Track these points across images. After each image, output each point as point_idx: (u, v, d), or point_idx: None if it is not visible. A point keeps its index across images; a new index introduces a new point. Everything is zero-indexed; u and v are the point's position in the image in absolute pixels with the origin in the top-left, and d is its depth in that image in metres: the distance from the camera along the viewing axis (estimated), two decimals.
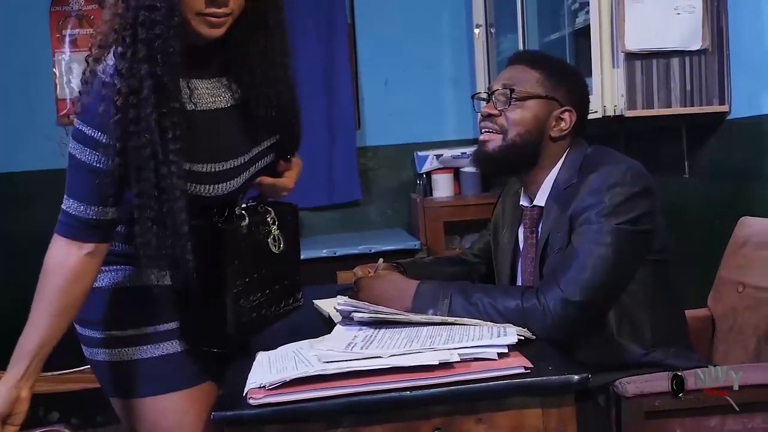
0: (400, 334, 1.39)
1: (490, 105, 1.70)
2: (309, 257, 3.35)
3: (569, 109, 1.66)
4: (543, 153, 1.68)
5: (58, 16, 3.82)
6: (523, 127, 1.66)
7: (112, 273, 1.57)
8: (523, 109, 1.67)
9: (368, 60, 3.99)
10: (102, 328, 1.55)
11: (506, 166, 1.72)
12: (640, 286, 1.59)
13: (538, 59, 1.74)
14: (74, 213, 1.42)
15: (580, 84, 1.73)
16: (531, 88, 1.67)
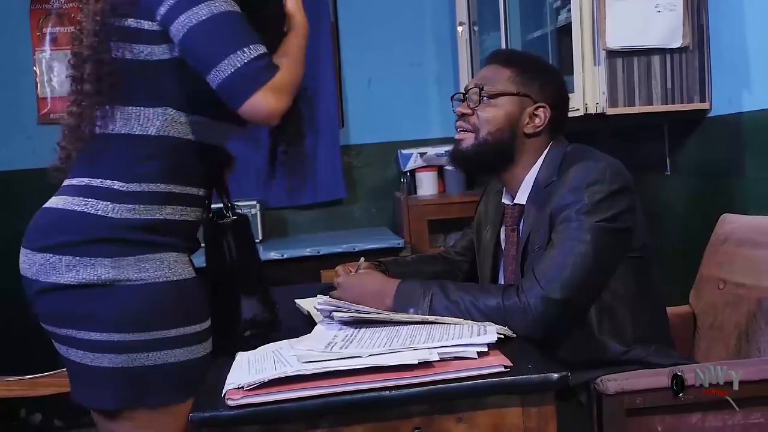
0: (381, 334, 1.39)
1: (464, 105, 1.71)
2: (293, 256, 3.35)
3: (543, 106, 1.66)
4: (519, 150, 1.68)
5: (39, 14, 3.79)
6: (495, 125, 1.66)
7: (158, 263, 1.46)
8: (495, 107, 1.67)
9: (352, 58, 3.99)
10: (152, 327, 1.43)
11: (481, 164, 1.72)
12: (621, 284, 1.59)
13: (511, 57, 1.74)
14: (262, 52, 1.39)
15: (554, 80, 1.72)
16: (502, 86, 1.67)
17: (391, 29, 3.98)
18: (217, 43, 1.37)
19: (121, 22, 1.42)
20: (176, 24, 1.38)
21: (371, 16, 3.96)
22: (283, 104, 1.41)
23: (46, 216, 1.48)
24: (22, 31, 3.77)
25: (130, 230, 1.43)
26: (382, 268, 1.85)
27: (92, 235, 1.41)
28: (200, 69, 1.39)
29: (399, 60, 3.99)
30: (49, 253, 1.43)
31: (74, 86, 1.48)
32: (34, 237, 1.47)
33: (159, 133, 1.45)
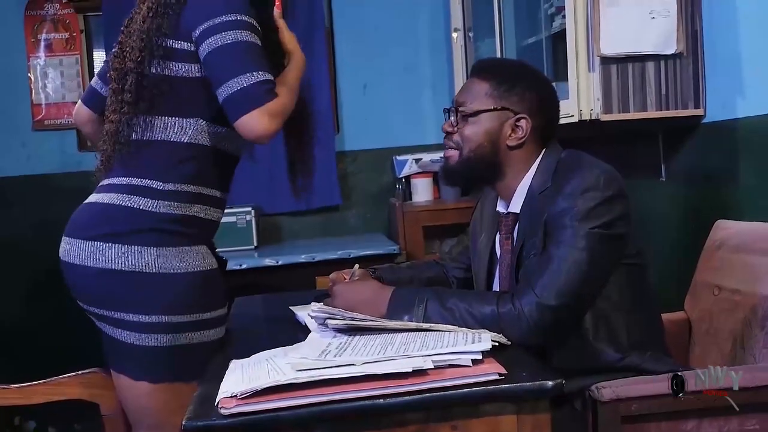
0: (375, 341, 1.38)
1: (449, 122, 1.72)
2: (288, 262, 3.35)
3: (523, 117, 1.65)
4: (506, 162, 1.68)
5: (34, 20, 3.79)
6: (475, 142, 1.67)
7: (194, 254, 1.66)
8: (474, 125, 1.67)
9: (347, 64, 3.99)
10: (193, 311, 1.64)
11: (469, 179, 1.76)
12: (616, 290, 1.59)
13: (490, 69, 1.72)
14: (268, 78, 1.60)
15: (535, 88, 1.69)
16: (479, 102, 1.67)
17: (386, 35, 3.98)
18: (233, 63, 1.58)
19: (164, 42, 1.63)
20: (205, 43, 1.60)
21: (366, 23, 3.97)
22: (275, 127, 1.60)
23: (92, 209, 1.67)
24: (17, 37, 3.77)
25: (168, 222, 1.64)
26: (376, 275, 1.85)
27: (136, 226, 1.61)
28: (214, 83, 1.60)
29: (394, 66, 4.00)
30: (98, 241, 1.61)
31: (115, 97, 1.67)
32: (82, 227, 1.65)
33: (190, 140, 1.67)
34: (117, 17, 3.80)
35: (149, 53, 1.63)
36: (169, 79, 1.65)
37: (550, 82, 1.78)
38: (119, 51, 1.71)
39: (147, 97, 1.64)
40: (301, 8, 3.84)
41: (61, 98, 3.81)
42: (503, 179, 1.70)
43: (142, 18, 1.66)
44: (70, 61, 3.81)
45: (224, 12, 1.60)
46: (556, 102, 1.74)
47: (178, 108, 1.66)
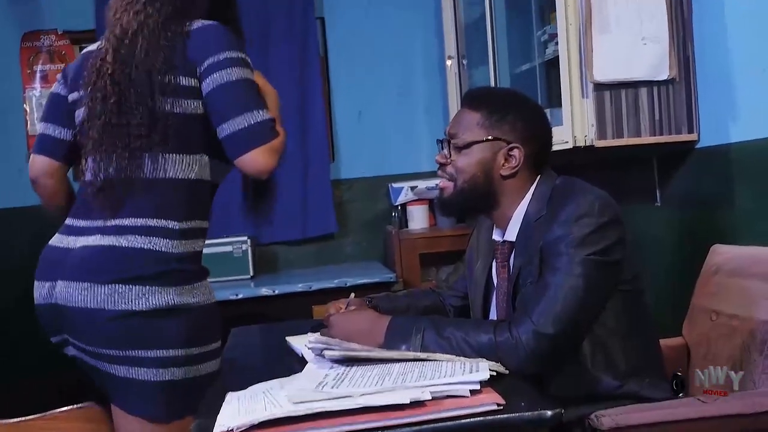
0: (372, 372, 1.37)
1: (442, 154, 1.72)
2: (284, 292, 3.34)
3: (516, 146, 1.65)
4: (500, 191, 1.68)
5: (29, 52, 3.81)
6: (469, 173, 1.67)
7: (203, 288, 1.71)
8: (467, 156, 1.67)
9: (341, 92, 4.01)
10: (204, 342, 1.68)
11: (464, 209, 1.77)
12: (613, 317, 1.58)
13: (480, 99, 1.72)
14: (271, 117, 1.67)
15: (526, 116, 1.69)
16: (471, 133, 1.67)
17: (380, 63, 4.01)
18: (237, 101, 1.64)
19: (172, 78, 1.64)
20: (210, 78, 1.64)
21: (360, 51, 4.00)
22: (275, 163, 1.67)
23: (109, 253, 1.63)
24: (13, 68, 3.79)
25: (185, 261, 1.67)
26: (372, 304, 1.84)
27: (159, 268, 1.63)
28: (217, 118, 1.65)
29: (388, 93, 4.02)
30: (118, 284, 1.60)
31: (118, 134, 1.65)
32: (98, 271, 1.62)
33: (196, 177, 1.70)
34: None
35: (160, 89, 1.64)
36: (177, 116, 1.66)
37: (541, 109, 1.78)
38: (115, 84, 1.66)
39: (160, 132, 1.64)
40: (295, 37, 3.87)
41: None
42: (498, 208, 1.70)
43: (144, 51, 1.65)
44: None
45: (227, 48, 1.66)
46: (548, 129, 1.75)
47: (186, 145, 1.68)
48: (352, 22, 4.00)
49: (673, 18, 2.33)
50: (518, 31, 3.08)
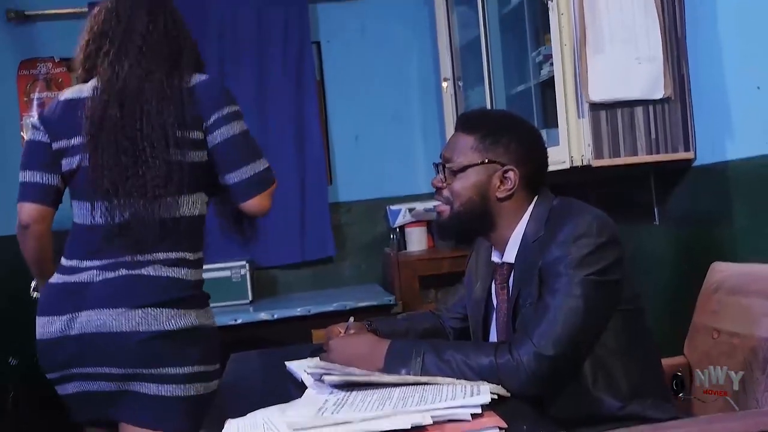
0: (372, 396, 1.36)
1: (438, 178, 1.72)
2: (283, 316, 3.32)
3: (511, 168, 1.65)
4: (497, 214, 1.68)
5: (26, 79, 3.82)
6: (465, 197, 1.67)
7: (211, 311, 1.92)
8: (463, 180, 1.67)
9: (338, 115, 4.02)
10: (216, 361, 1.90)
11: (462, 233, 1.75)
12: (613, 337, 1.57)
13: (473, 122, 1.72)
14: (268, 165, 1.96)
15: (522, 139, 1.69)
16: (466, 157, 1.67)
17: (376, 86, 4.02)
18: (243, 152, 1.90)
19: (183, 133, 1.83)
20: (216, 132, 1.87)
21: (357, 74, 4.01)
22: (271, 204, 1.99)
23: (139, 280, 1.81)
24: (10, 96, 3.80)
25: (199, 288, 1.91)
26: (372, 328, 1.83)
27: (182, 293, 1.83)
28: (224, 167, 1.89)
29: (385, 116, 4.03)
30: (150, 308, 1.78)
31: (135, 184, 1.80)
32: (130, 297, 1.79)
33: (200, 212, 1.91)
34: None
35: (174, 143, 1.82)
36: (187, 164, 1.85)
37: (536, 130, 1.78)
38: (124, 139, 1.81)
39: (176, 182, 1.83)
40: (291, 61, 3.88)
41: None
42: (496, 230, 1.70)
43: (154, 106, 1.81)
44: None
45: (229, 103, 1.90)
46: (542, 149, 1.74)
47: (193, 187, 1.88)
48: (347, 46, 4.02)
49: (667, 37, 2.34)
50: (513, 52, 3.10)
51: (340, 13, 4.04)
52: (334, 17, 4.04)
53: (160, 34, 1.90)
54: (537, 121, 2.81)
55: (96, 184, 1.81)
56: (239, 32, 3.85)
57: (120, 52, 1.86)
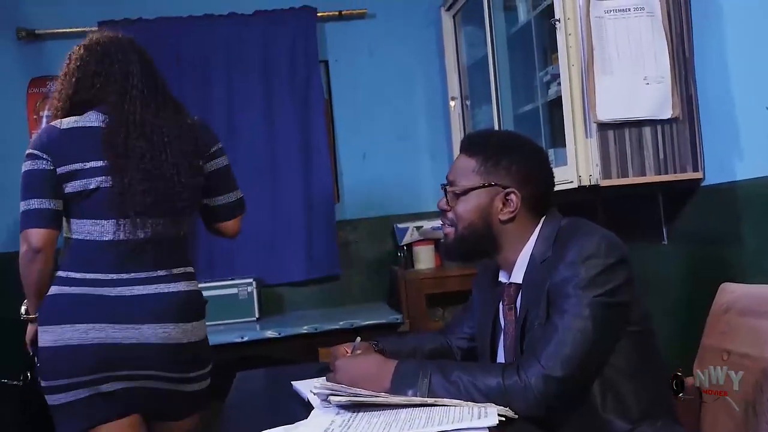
0: (379, 418, 1.35)
1: (443, 201, 1.73)
2: (290, 334, 3.32)
3: (512, 191, 1.65)
4: (500, 236, 1.68)
5: (36, 97, 3.84)
6: (468, 220, 1.68)
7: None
8: (465, 202, 1.68)
9: (346, 134, 4.03)
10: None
11: (467, 254, 1.76)
12: (623, 358, 1.56)
13: (476, 145, 1.72)
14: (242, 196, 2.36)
15: (524, 161, 1.68)
16: (468, 180, 1.68)
17: (384, 104, 4.03)
18: (230, 181, 2.29)
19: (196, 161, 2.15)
20: (213, 162, 2.22)
21: (365, 93, 4.03)
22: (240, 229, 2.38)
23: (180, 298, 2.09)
24: (19, 114, 3.82)
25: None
26: (379, 348, 1.82)
27: (201, 305, 2.16)
28: (214, 191, 2.25)
29: (393, 134, 4.04)
30: (194, 321, 2.10)
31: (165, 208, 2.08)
32: (182, 313, 2.07)
33: (192, 228, 2.21)
34: None
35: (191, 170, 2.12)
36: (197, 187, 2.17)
37: (540, 150, 1.76)
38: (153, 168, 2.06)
39: (194, 204, 2.18)
40: (299, 79, 3.90)
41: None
42: (501, 252, 1.69)
43: (174, 138, 2.10)
44: None
45: (219, 139, 2.26)
46: (546, 171, 1.73)
47: (195, 206, 2.21)
48: (355, 65, 4.04)
49: (674, 57, 2.35)
50: (521, 72, 3.10)
51: (348, 32, 4.06)
52: (342, 36, 4.06)
53: (151, 74, 2.17)
54: (544, 140, 2.81)
55: (125, 204, 2.03)
56: (247, 50, 3.87)
57: (125, 90, 2.10)
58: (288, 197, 3.88)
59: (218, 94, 3.84)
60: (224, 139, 3.82)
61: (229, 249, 3.83)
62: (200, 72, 3.82)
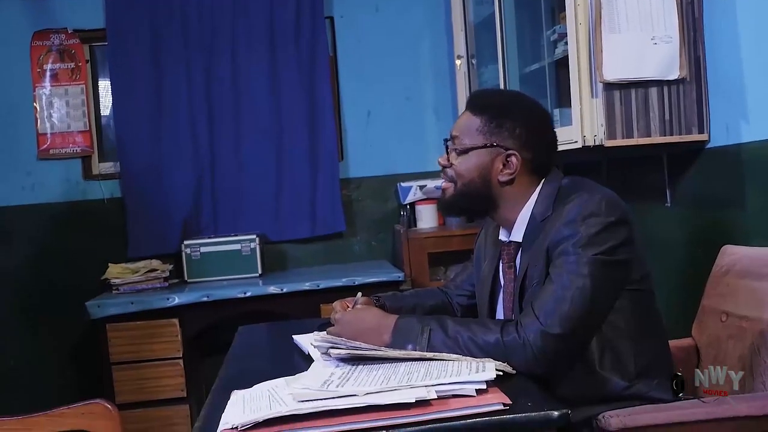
0: (378, 371, 1.37)
1: (444, 156, 1.73)
2: (292, 290, 3.34)
3: (513, 153, 1.64)
4: (498, 196, 1.68)
5: (39, 50, 3.81)
6: (467, 178, 1.68)
7: None
8: (466, 160, 1.68)
9: (350, 92, 4.00)
10: None
11: (464, 211, 1.81)
12: (621, 317, 1.57)
13: (483, 103, 1.71)
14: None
15: (528, 124, 1.67)
16: (471, 138, 1.67)
17: (390, 62, 4.00)
18: None
19: None
20: None
21: (370, 50, 3.99)
22: None
23: None
24: (23, 67, 3.79)
25: None
26: (380, 303, 1.84)
27: None
28: None
29: (397, 93, 4.01)
30: None
31: None
32: None
33: None
34: (122, 46, 3.85)
35: None
36: None
37: (544, 114, 1.75)
38: None
39: None
40: (305, 36, 3.86)
41: (66, 128, 3.82)
42: (498, 211, 1.70)
43: None
44: (75, 90, 3.83)
45: None
46: (549, 135, 1.72)
47: None
48: (361, 21, 3.99)
49: (684, 18, 2.32)
50: (528, 31, 3.07)
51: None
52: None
53: None
54: (550, 100, 2.79)
55: None
56: (252, 5, 3.83)
57: None
58: (292, 154, 3.87)
59: (223, 50, 3.81)
60: (229, 98, 3.85)
61: (233, 206, 3.84)
62: (206, 27, 3.79)
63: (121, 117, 3.79)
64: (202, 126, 3.81)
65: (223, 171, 3.83)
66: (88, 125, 3.84)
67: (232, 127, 3.84)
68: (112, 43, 3.76)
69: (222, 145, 3.83)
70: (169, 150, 3.79)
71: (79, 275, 3.68)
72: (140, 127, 3.78)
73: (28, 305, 3.74)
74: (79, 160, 3.84)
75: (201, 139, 3.81)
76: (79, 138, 3.83)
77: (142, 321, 3.26)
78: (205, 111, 3.81)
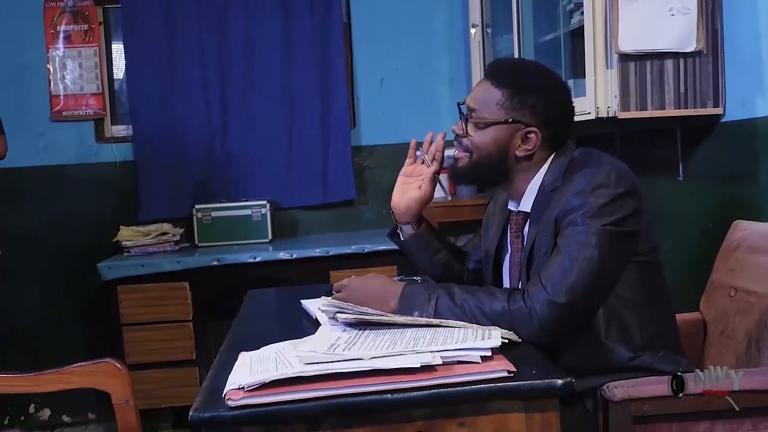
0: (384, 336, 1.38)
1: (459, 125, 1.70)
2: (302, 256, 3.35)
3: (533, 130, 1.63)
4: (513, 169, 1.67)
5: (53, 11, 3.80)
6: (484, 150, 1.66)
7: None
8: (484, 134, 1.66)
9: (364, 59, 3.98)
10: None
11: (478, 180, 1.83)
12: (628, 288, 1.57)
13: (504, 75, 1.67)
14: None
15: (550, 100, 1.65)
16: (490, 112, 1.64)
17: (404, 30, 3.97)
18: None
19: None
20: None
21: (384, 17, 3.96)
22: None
23: None
24: (36, 28, 3.79)
25: None
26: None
27: None
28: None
29: (411, 61, 3.98)
30: None
31: None
32: None
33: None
34: (136, 9, 3.83)
35: None
36: None
37: (565, 89, 1.72)
38: None
39: None
40: (318, 3, 3.84)
41: (80, 90, 3.83)
42: (511, 183, 1.69)
43: None
44: (88, 52, 3.83)
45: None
46: (569, 110, 1.70)
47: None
48: None
49: None
50: (543, 0, 3.04)
51: None
52: None
53: None
54: (565, 70, 2.77)
55: None
56: None
57: None
58: (304, 121, 3.86)
59: (236, 14, 3.79)
60: (242, 63, 3.84)
61: (244, 172, 3.84)
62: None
63: (134, 80, 3.79)
64: (215, 91, 3.80)
65: (235, 136, 3.83)
66: (101, 88, 3.84)
67: (244, 93, 3.83)
68: (126, 6, 3.75)
69: (234, 111, 3.82)
70: (181, 114, 3.79)
71: (90, 237, 3.71)
72: (153, 91, 3.77)
73: (40, 266, 3.78)
74: (92, 122, 3.84)
75: (213, 104, 3.80)
76: (92, 100, 3.83)
77: (152, 283, 3.29)
78: (217, 76, 3.80)
